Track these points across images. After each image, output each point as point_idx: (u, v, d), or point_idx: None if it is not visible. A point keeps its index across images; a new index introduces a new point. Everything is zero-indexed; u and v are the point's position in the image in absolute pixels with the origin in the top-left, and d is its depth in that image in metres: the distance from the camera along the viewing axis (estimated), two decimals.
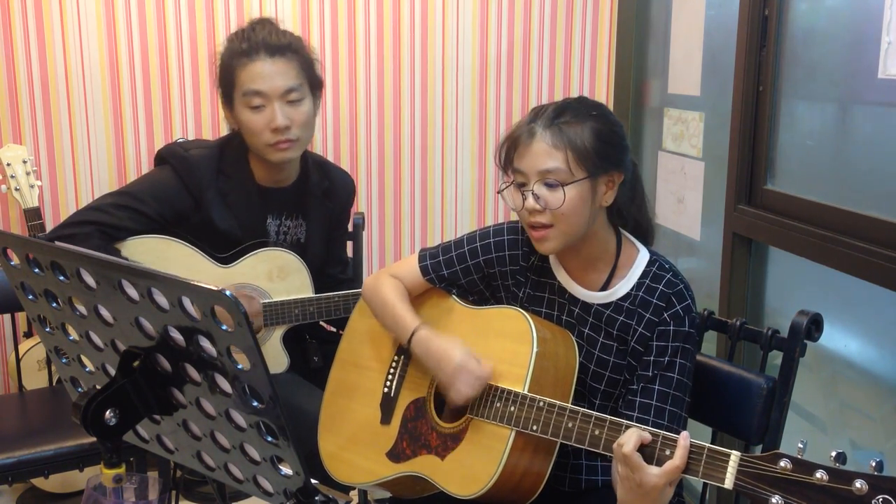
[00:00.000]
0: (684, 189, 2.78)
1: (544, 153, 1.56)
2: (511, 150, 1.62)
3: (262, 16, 2.39)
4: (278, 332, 2.24)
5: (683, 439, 1.35)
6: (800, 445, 1.22)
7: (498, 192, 1.67)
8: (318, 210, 2.29)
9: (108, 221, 2.05)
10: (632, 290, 1.63)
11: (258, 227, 2.20)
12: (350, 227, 2.61)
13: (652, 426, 1.52)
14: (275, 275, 2.20)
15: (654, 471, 1.35)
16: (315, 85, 2.18)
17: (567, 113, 1.58)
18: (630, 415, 1.57)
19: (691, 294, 1.63)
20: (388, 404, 1.77)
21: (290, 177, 2.24)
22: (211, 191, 2.11)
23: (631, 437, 1.37)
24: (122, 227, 2.06)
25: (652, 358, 1.59)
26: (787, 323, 1.61)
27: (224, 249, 2.16)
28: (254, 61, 2.07)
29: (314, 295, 2.24)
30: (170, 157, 2.14)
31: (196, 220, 2.12)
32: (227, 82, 2.12)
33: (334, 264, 2.43)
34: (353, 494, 2.33)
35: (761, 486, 1.24)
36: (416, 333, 1.71)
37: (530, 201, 1.57)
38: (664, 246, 2.83)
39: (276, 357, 2.24)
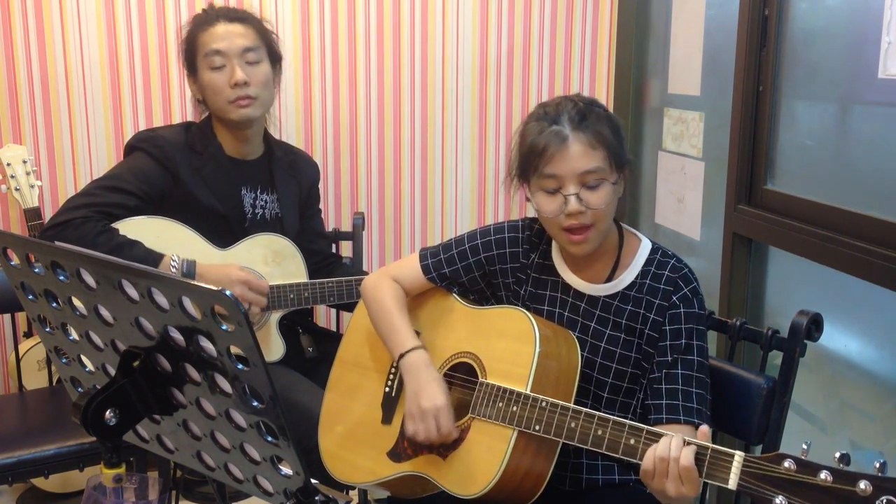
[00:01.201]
0: (684, 189, 2.78)
1: (583, 154, 1.56)
2: (535, 157, 1.59)
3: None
4: (275, 317, 2.26)
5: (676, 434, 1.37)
6: (804, 446, 1.22)
7: (527, 200, 1.66)
8: (286, 182, 2.39)
9: (100, 202, 2.12)
10: (636, 278, 1.65)
11: (234, 198, 2.27)
12: (350, 227, 2.63)
13: (683, 411, 1.55)
14: (270, 259, 2.26)
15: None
16: (274, 56, 2.30)
17: (587, 112, 1.59)
18: (659, 403, 1.57)
19: (696, 277, 1.66)
20: (389, 404, 1.77)
21: (256, 150, 2.35)
22: (185, 167, 2.20)
23: (684, 448, 1.35)
24: (115, 204, 2.13)
25: (668, 343, 1.60)
26: (787, 323, 1.61)
27: (209, 226, 2.22)
28: (214, 25, 2.22)
29: (308, 280, 2.27)
30: (139, 143, 2.23)
31: (177, 196, 2.20)
32: (191, 51, 2.25)
33: (318, 239, 2.50)
34: (353, 494, 2.33)
35: (765, 486, 1.23)
36: (412, 353, 1.69)
37: (574, 205, 1.57)
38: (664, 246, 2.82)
39: (273, 343, 2.26)
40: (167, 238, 2.15)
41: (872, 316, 2.03)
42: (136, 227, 2.13)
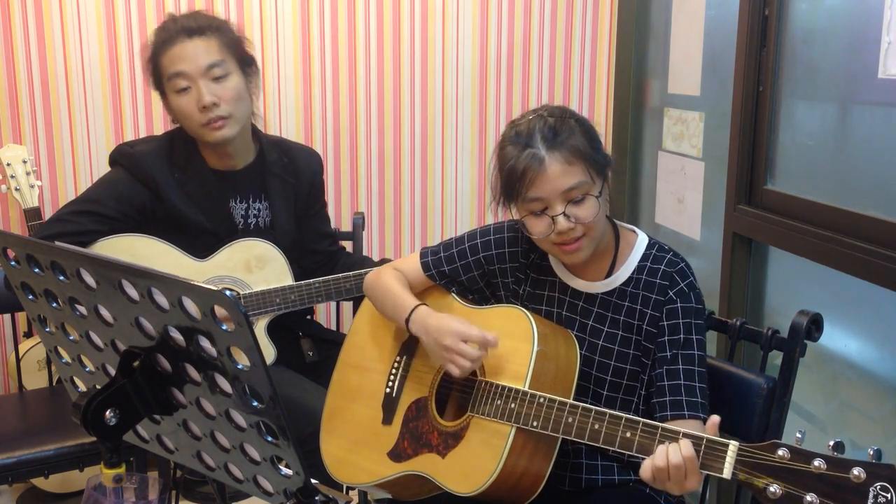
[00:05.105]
0: (684, 189, 2.78)
1: (562, 173, 1.56)
2: (516, 182, 1.59)
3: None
4: (262, 322, 2.24)
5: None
6: (798, 435, 1.23)
7: (515, 225, 1.66)
8: (280, 189, 2.29)
9: (70, 230, 2.07)
10: (633, 273, 1.66)
11: (222, 212, 2.21)
12: (350, 227, 2.62)
13: (687, 406, 1.55)
14: (253, 265, 2.21)
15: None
16: (244, 62, 2.19)
17: (558, 128, 1.58)
18: (663, 401, 1.58)
19: (692, 272, 1.65)
20: (389, 405, 1.77)
21: (246, 158, 2.26)
22: (166, 183, 2.13)
23: (682, 441, 1.35)
24: (85, 231, 2.08)
25: (666, 338, 1.60)
26: (787, 323, 1.61)
27: (197, 242, 2.17)
28: (173, 45, 2.10)
29: (294, 283, 2.25)
30: (118, 158, 2.18)
31: (161, 213, 2.14)
32: (156, 74, 2.16)
33: (320, 239, 2.44)
34: (353, 494, 2.33)
35: (759, 475, 1.24)
36: (415, 311, 1.71)
37: (563, 223, 1.56)
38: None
39: (262, 348, 2.24)
40: (142, 255, 2.10)
41: (872, 316, 2.03)
42: (108, 248, 2.08)
